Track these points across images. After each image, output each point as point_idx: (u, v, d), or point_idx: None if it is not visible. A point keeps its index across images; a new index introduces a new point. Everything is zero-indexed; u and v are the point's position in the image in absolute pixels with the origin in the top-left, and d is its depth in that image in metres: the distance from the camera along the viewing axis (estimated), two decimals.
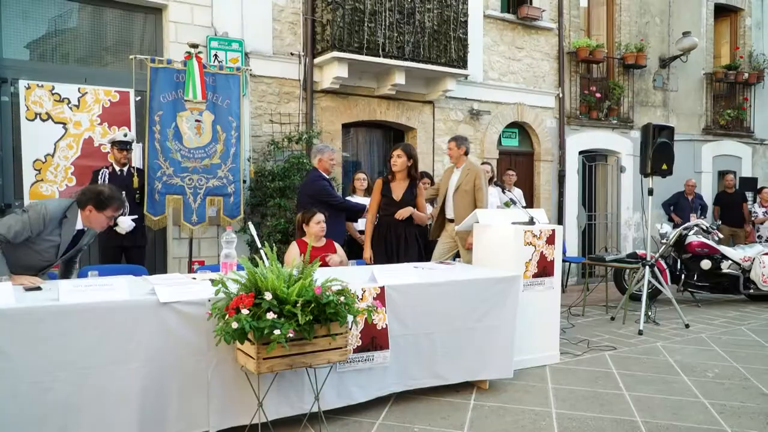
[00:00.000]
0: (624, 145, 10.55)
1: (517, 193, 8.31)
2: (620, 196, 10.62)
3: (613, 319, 6.86)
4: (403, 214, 5.18)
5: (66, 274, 4.18)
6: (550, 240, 4.98)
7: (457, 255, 5.76)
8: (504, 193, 6.35)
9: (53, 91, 5.53)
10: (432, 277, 4.10)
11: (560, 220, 9.72)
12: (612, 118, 10.36)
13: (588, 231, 10.45)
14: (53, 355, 2.87)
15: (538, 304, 4.88)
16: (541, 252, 4.93)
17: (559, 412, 3.91)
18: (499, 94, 9.12)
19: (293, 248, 4.94)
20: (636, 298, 7.30)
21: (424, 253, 5.53)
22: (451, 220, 5.74)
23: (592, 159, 10.38)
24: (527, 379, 4.56)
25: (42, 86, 5.49)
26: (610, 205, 10.72)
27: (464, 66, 7.98)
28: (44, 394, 2.85)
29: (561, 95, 9.77)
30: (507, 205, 7.24)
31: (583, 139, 10.14)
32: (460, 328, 4.08)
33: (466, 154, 5.82)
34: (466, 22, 7.94)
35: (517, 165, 9.38)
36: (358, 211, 5.86)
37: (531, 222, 5.02)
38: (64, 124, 5.57)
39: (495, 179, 7.82)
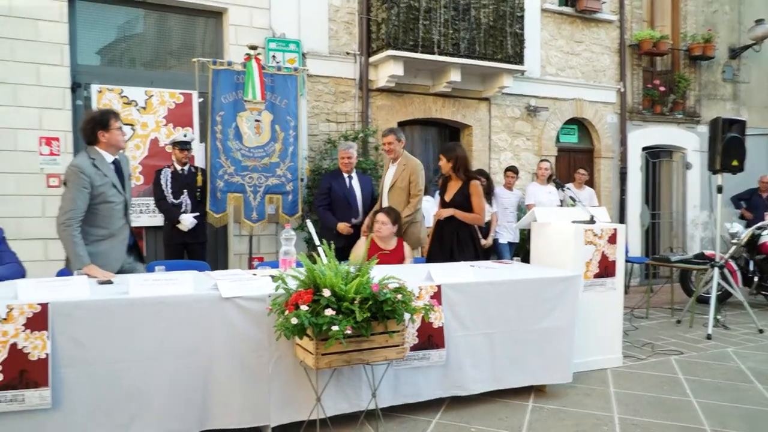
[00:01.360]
0: (690, 141, 10.18)
1: (588, 193, 8.14)
2: (686, 194, 10.25)
3: (679, 322, 6.63)
4: (441, 213, 5.14)
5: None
6: (612, 239, 4.85)
7: (517, 254, 5.68)
8: (563, 190, 6.21)
9: (122, 95, 5.76)
10: (489, 276, 4.05)
11: (622, 219, 9.47)
12: (677, 112, 10.00)
13: (652, 230, 10.14)
14: (124, 345, 3.00)
15: (599, 305, 4.76)
16: (603, 252, 4.81)
17: (622, 417, 3.81)
18: (557, 89, 8.95)
19: (361, 242, 5.05)
20: (704, 300, 7.02)
21: (480, 253, 5.47)
22: None
23: (655, 155, 10.06)
24: (588, 382, 4.46)
25: (112, 90, 5.72)
26: (676, 203, 10.36)
27: (521, 62, 7.86)
28: (116, 382, 2.99)
29: (622, 90, 9.50)
30: (569, 204, 7.10)
31: (646, 135, 9.84)
32: (520, 330, 4.01)
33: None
34: (522, 17, 7.83)
35: (576, 162, 9.17)
36: (327, 227, 5.87)
37: (592, 221, 4.90)
38: (132, 125, 5.79)
39: (554, 177, 7.70)
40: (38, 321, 2.83)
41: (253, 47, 6.10)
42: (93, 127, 3.95)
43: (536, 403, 4.01)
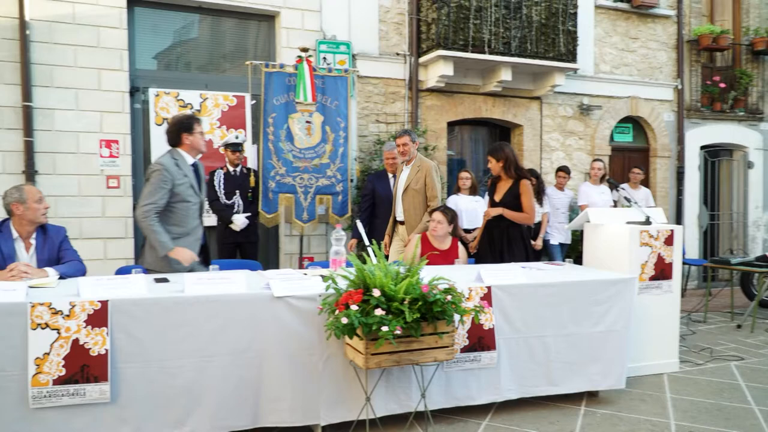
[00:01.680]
0: (752, 139, 9.79)
1: (644, 193, 7.94)
2: (748, 193, 9.85)
3: (739, 327, 6.39)
4: (490, 213, 5.08)
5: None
6: (669, 241, 4.71)
7: (568, 256, 5.58)
8: (618, 191, 6.07)
9: (178, 98, 5.92)
10: (541, 278, 4.00)
11: (679, 220, 9.18)
12: (738, 109, 9.63)
13: (710, 231, 9.80)
14: (180, 342, 3.08)
15: (654, 308, 4.64)
16: (659, 253, 4.68)
17: (679, 424, 3.70)
18: (611, 87, 8.74)
19: (413, 240, 5.05)
20: (766, 305, 6.74)
21: (530, 254, 5.39)
22: (402, 222, 5.54)
23: (715, 154, 9.71)
24: (642, 387, 4.34)
25: (168, 93, 5.89)
26: (736, 203, 9.98)
27: (574, 59, 7.73)
28: (172, 378, 3.07)
29: (680, 87, 9.21)
30: (624, 205, 6.93)
31: (704, 133, 9.51)
32: (574, 333, 3.94)
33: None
34: (575, 13, 7.69)
35: (630, 162, 8.94)
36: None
37: (647, 222, 4.77)
38: None
39: (607, 177, 7.54)
40: (98, 317, 2.94)
41: (305, 49, 6.19)
42: (178, 129, 4.15)
43: (588, 407, 3.94)
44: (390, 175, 6.04)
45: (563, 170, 7.47)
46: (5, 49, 5.65)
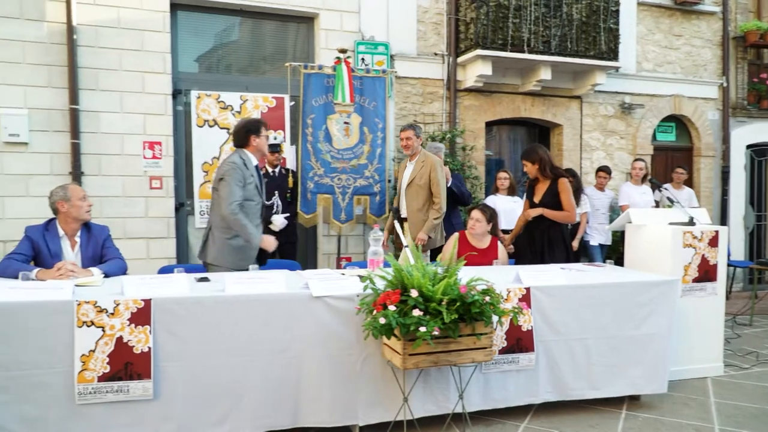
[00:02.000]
0: None
1: (687, 193, 7.76)
2: None
3: None
4: (530, 214, 5.04)
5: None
6: (713, 242, 4.60)
7: (609, 257, 5.48)
8: (660, 191, 5.94)
9: (219, 100, 6.02)
10: (581, 280, 3.95)
11: (724, 221, 8.94)
12: None
13: (756, 233, 9.51)
14: (220, 341, 3.13)
15: (698, 311, 4.53)
16: (703, 255, 4.57)
17: (723, 429, 3.61)
18: (653, 85, 8.56)
19: (451, 239, 5.04)
20: None
21: (571, 254, 5.32)
22: (405, 219, 5.46)
23: (761, 153, 9.42)
24: (685, 391, 4.25)
25: (210, 95, 5.99)
26: None
27: (615, 58, 7.60)
28: (212, 376, 3.12)
29: (725, 84, 8.96)
30: (666, 205, 6.78)
31: (751, 132, 9.23)
32: (616, 336, 3.88)
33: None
34: (617, 11, 7.56)
35: (673, 161, 8.74)
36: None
37: (691, 222, 4.67)
38: (228, 129, 6.03)
39: (649, 177, 7.39)
40: (142, 316, 3.00)
41: (343, 51, 6.22)
42: (247, 131, 4.36)
43: (630, 411, 3.87)
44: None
45: (604, 170, 7.35)
46: (54, 54, 5.83)
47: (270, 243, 4.37)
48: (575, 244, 6.82)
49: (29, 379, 2.86)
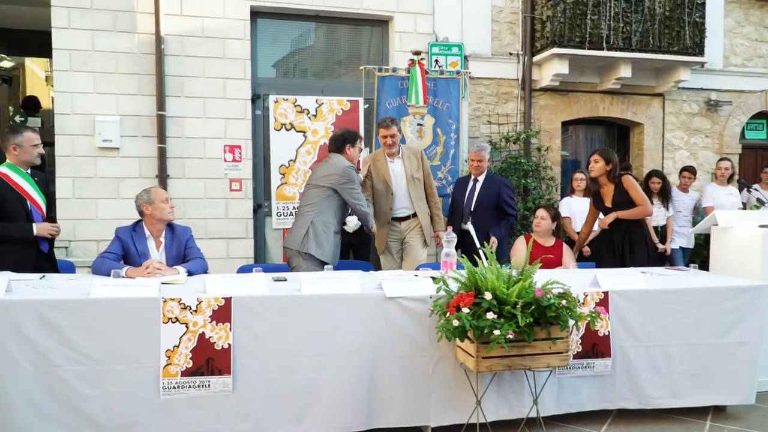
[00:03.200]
0: None
1: None
2: None
3: None
4: (605, 221, 4.91)
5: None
6: None
7: (692, 261, 5.25)
8: (750, 191, 5.63)
9: (295, 104, 6.17)
10: (662, 284, 3.80)
11: None
12: None
13: None
14: (296, 340, 3.19)
15: None
16: None
17: None
18: (742, 81, 8.12)
19: (519, 242, 5.00)
20: None
21: (652, 256, 5.12)
22: (404, 218, 5.23)
23: None
24: None
25: (287, 100, 6.15)
26: None
27: (701, 53, 7.27)
28: (289, 375, 3.18)
29: None
30: (756, 207, 6.43)
31: None
32: (700, 344, 3.70)
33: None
34: (703, 4, 7.24)
35: (763, 160, 8.28)
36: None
37: None
38: (304, 132, 6.18)
39: (737, 177, 7.02)
40: (222, 313, 3.11)
41: (417, 52, 6.25)
42: (344, 140, 4.73)
43: (714, 422, 3.69)
44: (472, 179, 5.70)
45: (688, 170, 7.02)
46: (144, 63, 6.15)
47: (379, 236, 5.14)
48: (667, 246, 6.57)
49: (118, 374, 2.99)
